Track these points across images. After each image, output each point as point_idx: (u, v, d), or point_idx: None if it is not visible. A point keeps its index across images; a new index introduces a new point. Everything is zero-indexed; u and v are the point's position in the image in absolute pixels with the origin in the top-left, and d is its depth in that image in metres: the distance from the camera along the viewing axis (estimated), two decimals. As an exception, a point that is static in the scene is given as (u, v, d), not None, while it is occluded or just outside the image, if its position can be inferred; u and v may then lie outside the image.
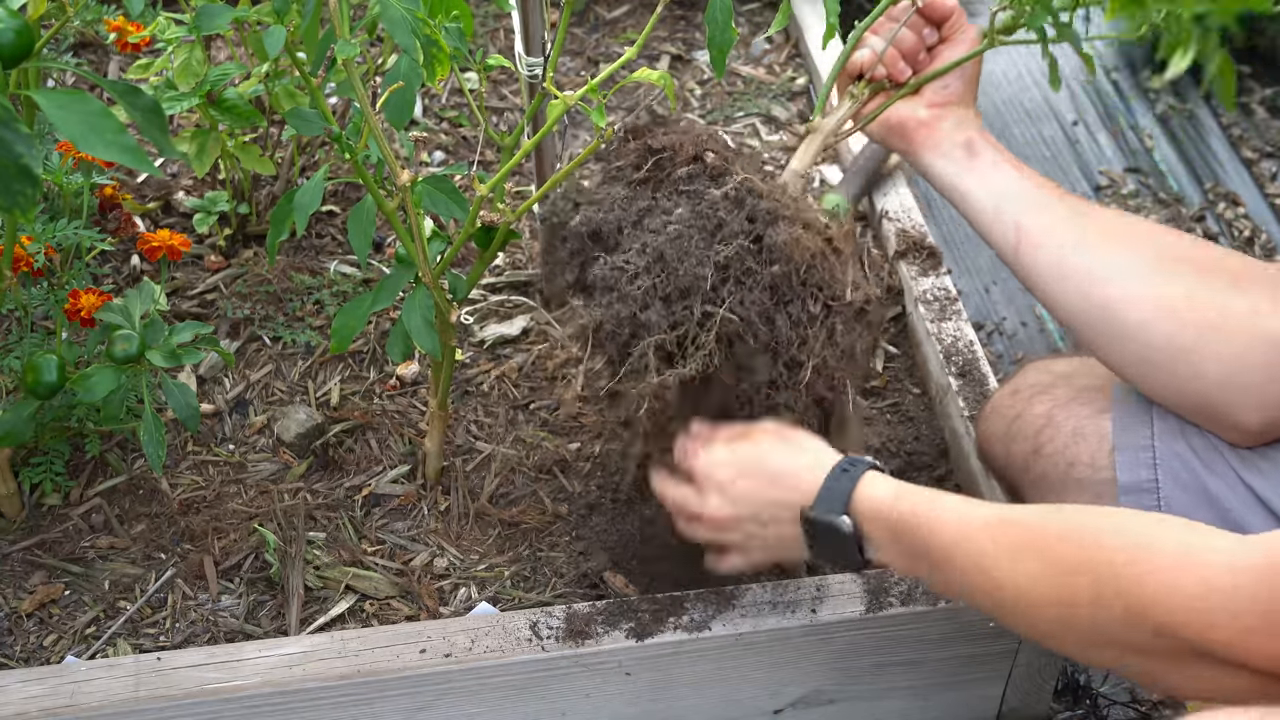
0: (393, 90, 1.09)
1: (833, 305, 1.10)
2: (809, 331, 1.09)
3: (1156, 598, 0.87)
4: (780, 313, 1.09)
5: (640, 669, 1.23)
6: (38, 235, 1.34)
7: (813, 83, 2.12)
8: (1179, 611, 0.85)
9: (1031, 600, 0.94)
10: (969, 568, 0.98)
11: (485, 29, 2.20)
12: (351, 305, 1.28)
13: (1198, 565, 0.86)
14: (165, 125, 0.99)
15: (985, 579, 0.97)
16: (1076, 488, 1.16)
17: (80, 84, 1.98)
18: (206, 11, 1.08)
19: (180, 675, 1.17)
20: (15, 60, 0.96)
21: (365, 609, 1.35)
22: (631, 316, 1.09)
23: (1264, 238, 2.02)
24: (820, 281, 1.09)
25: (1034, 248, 1.15)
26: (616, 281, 1.10)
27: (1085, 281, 1.12)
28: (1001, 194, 1.18)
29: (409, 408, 1.56)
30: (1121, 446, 1.14)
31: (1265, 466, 1.08)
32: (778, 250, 1.08)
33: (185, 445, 1.50)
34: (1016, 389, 1.26)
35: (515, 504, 1.46)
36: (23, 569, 1.38)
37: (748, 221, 1.09)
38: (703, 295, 1.07)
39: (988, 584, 0.97)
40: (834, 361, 1.12)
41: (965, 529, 0.99)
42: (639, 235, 1.11)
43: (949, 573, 1.00)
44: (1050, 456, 1.19)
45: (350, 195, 1.84)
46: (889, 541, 1.05)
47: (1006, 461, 1.25)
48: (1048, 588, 0.93)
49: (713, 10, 1.04)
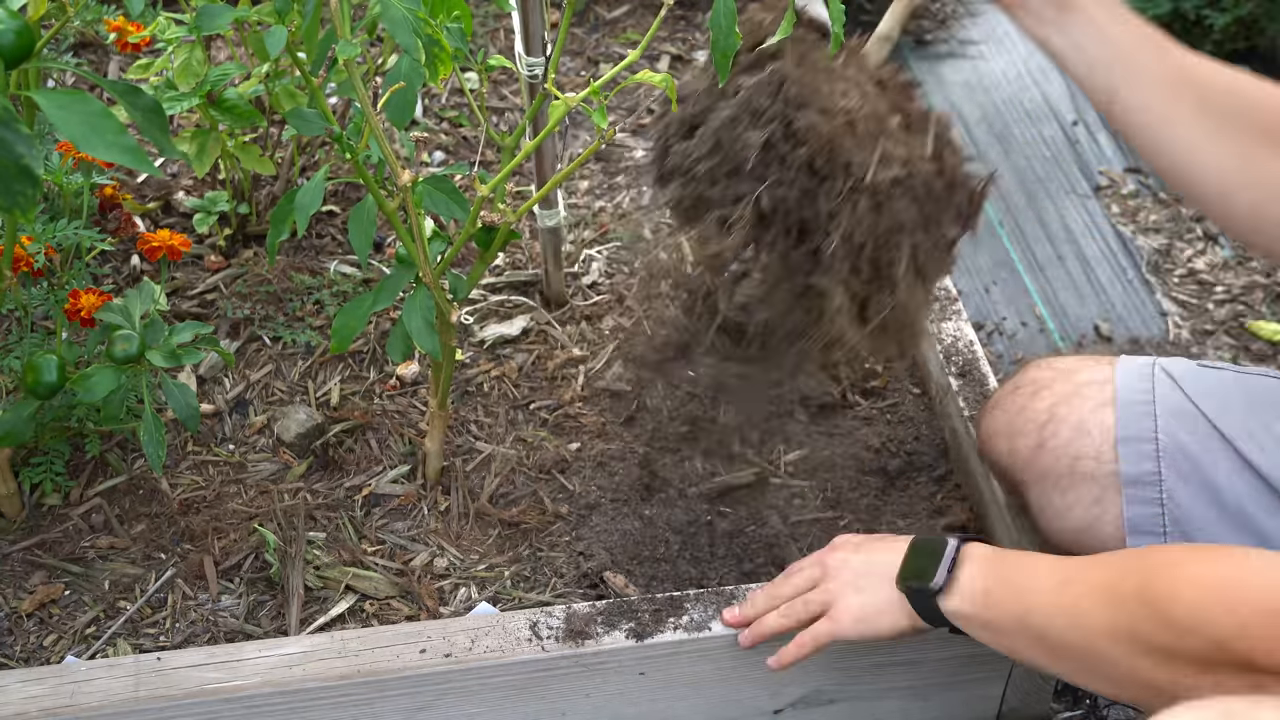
0: (394, 90, 1.09)
1: (858, 183, 1.13)
2: (837, 206, 1.14)
3: (1185, 593, 0.88)
4: (813, 191, 1.14)
5: (642, 668, 1.23)
6: (38, 235, 1.34)
7: (813, 83, 2.11)
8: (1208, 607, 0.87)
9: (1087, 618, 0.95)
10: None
11: (485, 29, 2.20)
12: (352, 305, 1.28)
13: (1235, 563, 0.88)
14: (166, 125, 0.99)
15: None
16: (1082, 481, 1.17)
17: (80, 84, 1.98)
18: (207, 12, 1.08)
19: (180, 675, 1.17)
20: (16, 61, 0.96)
21: (365, 609, 1.35)
22: (698, 194, 1.19)
23: (1264, 238, 2.02)
24: (845, 161, 1.13)
25: (1125, 116, 1.12)
26: (685, 163, 1.20)
27: (1177, 162, 1.11)
28: (1094, 61, 1.13)
29: (409, 408, 1.56)
30: (1125, 439, 1.15)
31: (1268, 443, 1.09)
32: (802, 134, 1.13)
33: (185, 445, 1.50)
34: (1018, 385, 1.27)
35: (515, 504, 1.46)
36: (23, 569, 1.38)
37: (783, 106, 1.15)
38: (747, 174, 1.15)
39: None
40: (864, 237, 1.13)
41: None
42: (709, 124, 1.19)
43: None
44: (1054, 451, 1.19)
45: (350, 195, 1.84)
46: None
47: (1009, 458, 1.25)
48: (1101, 599, 0.95)
49: (717, 15, 1.04)
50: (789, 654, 1.17)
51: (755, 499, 1.49)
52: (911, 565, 1.11)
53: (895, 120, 1.18)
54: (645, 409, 1.56)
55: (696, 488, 1.49)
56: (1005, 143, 2.22)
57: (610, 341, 1.64)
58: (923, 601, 1.09)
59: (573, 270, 1.74)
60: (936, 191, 1.17)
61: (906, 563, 1.12)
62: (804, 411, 1.60)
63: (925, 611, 1.09)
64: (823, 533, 1.45)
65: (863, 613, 1.13)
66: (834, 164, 1.13)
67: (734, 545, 1.43)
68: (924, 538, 1.12)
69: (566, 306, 1.69)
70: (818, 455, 1.55)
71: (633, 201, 1.88)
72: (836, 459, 1.54)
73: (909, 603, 1.10)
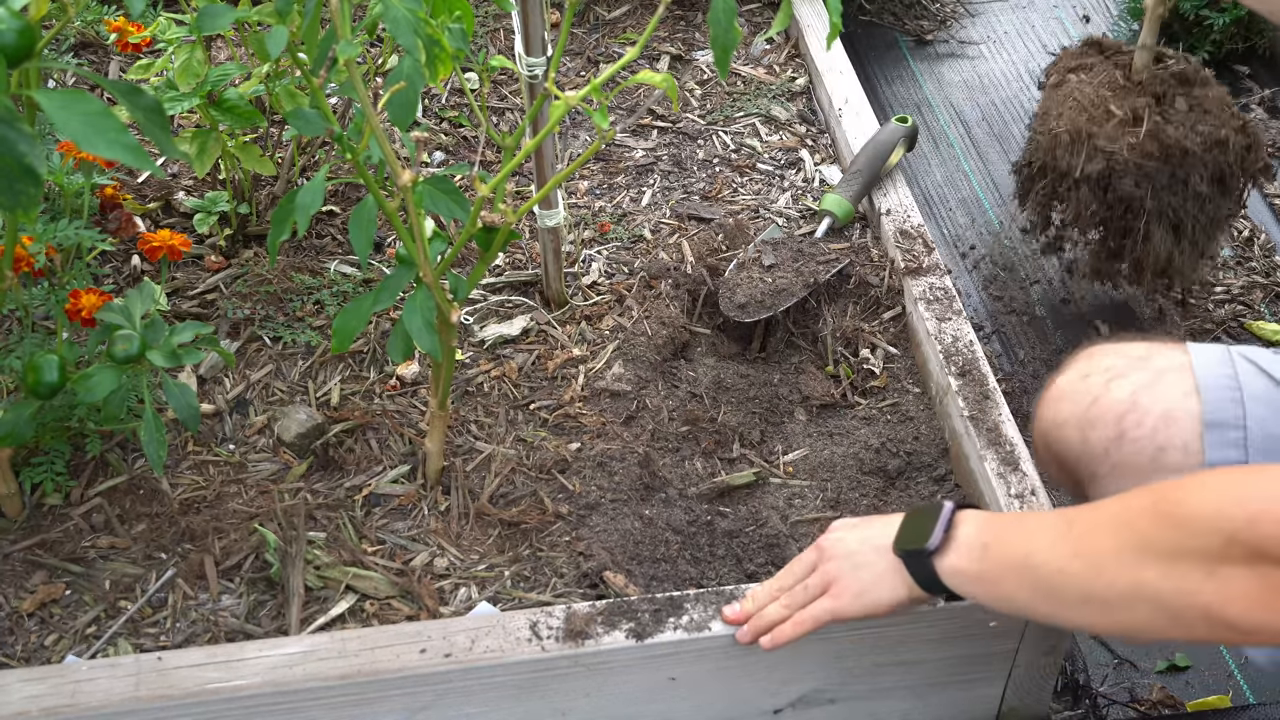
0: (395, 90, 1.09)
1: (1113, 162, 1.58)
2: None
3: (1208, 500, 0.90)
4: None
5: (640, 668, 1.23)
6: (39, 235, 1.35)
7: (812, 83, 2.12)
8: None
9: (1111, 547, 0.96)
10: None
11: (485, 29, 2.20)
12: (352, 305, 1.28)
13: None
14: (167, 124, 0.99)
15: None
16: (1165, 474, 1.12)
17: (81, 84, 1.98)
18: (208, 12, 1.08)
19: (181, 675, 1.17)
20: (17, 60, 0.96)
21: (365, 609, 1.35)
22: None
23: (1263, 238, 2.02)
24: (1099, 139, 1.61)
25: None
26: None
27: None
28: None
29: (409, 408, 1.56)
30: (1211, 424, 1.11)
31: None
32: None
33: (185, 445, 1.51)
34: (1087, 373, 1.20)
35: (515, 504, 1.46)
36: (23, 569, 1.38)
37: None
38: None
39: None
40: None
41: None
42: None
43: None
44: (1137, 441, 1.14)
45: (350, 195, 1.84)
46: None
47: (1082, 448, 1.19)
48: (1121, 519, 0.95)
49: (716, 11, 1.04)
50: (785, 632, 1.16)
51: (755, 499, 1.49)
52: (908, 531, 1.11)
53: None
54: (645, 409, 1.56)
55: (696, 488, 1.49)
56: (1005, 142, 2.22)
57: (610, 341, 1.64)
58: (919, 564, 1.09)
59: (573, 270, 1.75)
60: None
61: (903, 530, 1.12)
62: (804, 411, 1.61)
63: (922, 575, 1.09)
64: (822, 533, 1.45)
65: (860, 586, 1.13)
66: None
67: (734, 545, 1.43)
68: (920, 505, 1.12)
69: (566, 306, 1.70)
70: (818, 455, 1.55)
71: (633, 201, 1.88)
72: (836, 459, 1.54)
73: (905, 569, 1.10)
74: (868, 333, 1.65)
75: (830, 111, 2.01)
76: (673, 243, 1.79)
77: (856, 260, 1.71)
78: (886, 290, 1.68)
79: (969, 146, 2.21)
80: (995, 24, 2.51)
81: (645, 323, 1.65)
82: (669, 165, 1.95)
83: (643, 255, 1.77)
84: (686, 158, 1.97)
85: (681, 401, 1.58)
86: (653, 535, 1.42)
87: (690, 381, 1.60)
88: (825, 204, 1.78)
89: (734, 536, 1.44)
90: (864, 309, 1.68)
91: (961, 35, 2.48)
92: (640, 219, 1.84)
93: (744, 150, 1.98)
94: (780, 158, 1.97)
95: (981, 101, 2.31)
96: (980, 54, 2.43)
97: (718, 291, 1.69)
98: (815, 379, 1.63)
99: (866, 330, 1.66)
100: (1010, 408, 1.46)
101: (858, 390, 1.62)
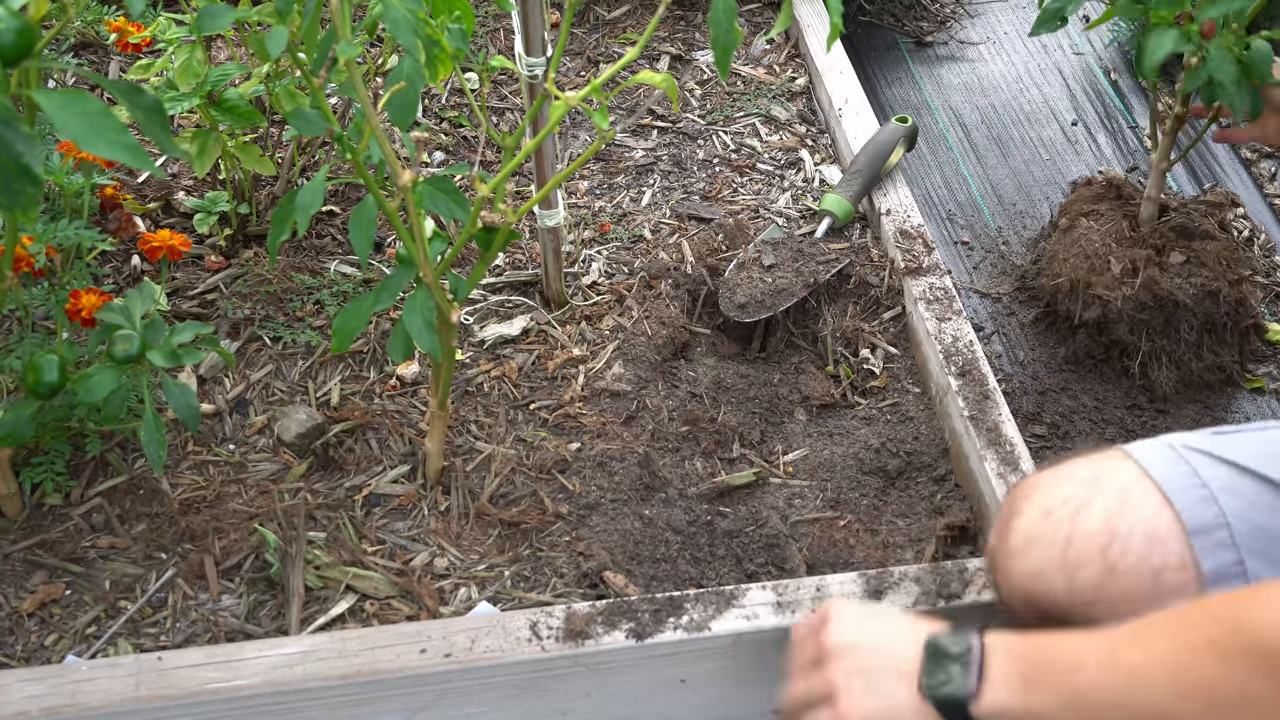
0: (396, 90, 1.09)
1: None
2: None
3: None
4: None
5: (640, 668, 1.23)
6: (39, 235, 1.35)
7: (812, 83, 2.12)
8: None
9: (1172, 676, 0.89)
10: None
11: (485, 29, 2.20)
12: (352, 305, 1.28)
13: None
14: (167, 124, 0.99)
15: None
16: (1170, 595, 1.04)
17: (81, 84, 1.98)
18: (208, 12, 1.08)
19: (181, 675, 1.17)
20: (16, 60, 0.96)
21: (365, 609, 1.35)
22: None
23: (1263, 238, 2.02)
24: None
25: None
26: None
27: None
28: None
29: (409, 408, 1.56)
30: (1196, 532, 1.03)
31: None
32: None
33: (185, 445, 1.51)
34: (1048, 510, 1.10)
35: (515, 504, 1.46)
36: (24, 569, 1.38)
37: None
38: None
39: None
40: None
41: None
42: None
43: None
44: (1130, 571, 1.05)
45: (350, 195, 1.84)
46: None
47: (1070, 595, 1.08)
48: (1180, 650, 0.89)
49: (716, 11, 1.04)
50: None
51: (755, 499, 1.49)
52: (934, 671, 1.00)
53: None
54: (645, 409, 1.56)
55: (696, 488, 1.49)
56: (1004, 145, 2.22)
57: (610, 341, 1.64)
58: (955, 711, 0.98)
59: (573, 270, 1.75)
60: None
61: (928, 669, 1.00)
62: (804, 411, 1.61)
63: (955, 718, 0.99)
64: (822, 533, 1.45)
65: (868, 713, 1.01)
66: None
67: (734, 545, 1.43)
68: (937, 637, 1.02)
69: (566, 306, 1.70)
70: (818, 455, 1.55)
71: (633, 201, 1.88)
72: (836, 459, 1.54)
73: (937, 711, 0.99)
74: (868, 333, 1.65)
75: (830, 111, 2.02)
76: (673, 243, 1.79)
77: (856, 260, 1.71)
78: (886, 290, 1.68)
79: (968, 150, 2.21)
80: (995, 24, 2.51)
81: (645, 323, 1.65)
82: (669, 165, 1.95)
83: (643, 255, 1.77)
84: (686, 158, 1.97)
85: (681, 401, 1.58)
86: (653, 535, 1.42)
87: (690, 381, 1.61)
88: (825, 204, 1.78)
89: (734, 536, 1.44)
90: (864, 309, 1.68)
91: (961, 36, 2.48)
92: (640, 219, 1.84)
93: (744, 150, 1.98)
94: (780, 158, 1.97)
95: (980, 103, 2.31)
96: (980, 55, 2.43)
97: (718, 291, 1.69)
98: (815, 379, 1.63)
99: (866, 330, 1.66)
100: (1010, 408, 1.46)
101: (858, 390, 1.62)
